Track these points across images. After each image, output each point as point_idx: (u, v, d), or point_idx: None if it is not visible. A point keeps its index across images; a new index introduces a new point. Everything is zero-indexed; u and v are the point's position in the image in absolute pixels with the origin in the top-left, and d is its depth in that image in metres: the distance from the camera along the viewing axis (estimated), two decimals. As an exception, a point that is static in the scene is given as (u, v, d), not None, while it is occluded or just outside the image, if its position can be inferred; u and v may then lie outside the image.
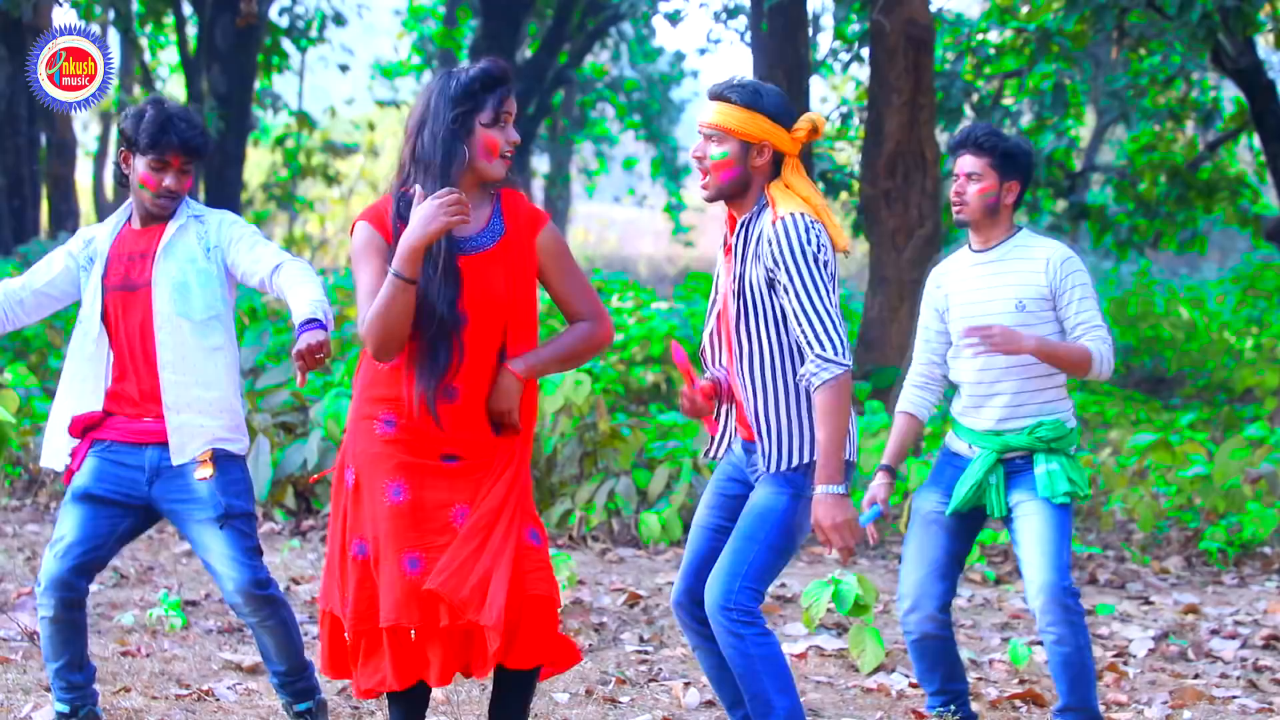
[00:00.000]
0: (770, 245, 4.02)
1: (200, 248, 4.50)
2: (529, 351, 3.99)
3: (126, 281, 4.47)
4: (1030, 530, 4.77)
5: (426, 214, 3.78)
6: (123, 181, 4.54)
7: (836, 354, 3.99)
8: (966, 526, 4.93)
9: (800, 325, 4.01)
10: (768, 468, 4.11)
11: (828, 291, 4.01)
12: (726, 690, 4.35)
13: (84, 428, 4.50)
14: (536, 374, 4.01)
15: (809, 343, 4.00)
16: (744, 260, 4.09)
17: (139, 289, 4.46)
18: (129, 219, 4.56)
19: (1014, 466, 4.83)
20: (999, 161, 4.80)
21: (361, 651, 4.02)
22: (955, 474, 4.90)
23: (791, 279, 4.00)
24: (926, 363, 5.00)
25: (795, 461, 4.11)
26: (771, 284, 4.04)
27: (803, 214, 4.03)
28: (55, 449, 4.57)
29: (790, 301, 4.01)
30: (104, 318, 4.47)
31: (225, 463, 4.48)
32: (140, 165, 4.43)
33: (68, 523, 4.47)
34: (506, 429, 3.98)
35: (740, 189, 4.14)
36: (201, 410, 4.46)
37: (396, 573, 3.92)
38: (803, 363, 4.06)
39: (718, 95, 4.13)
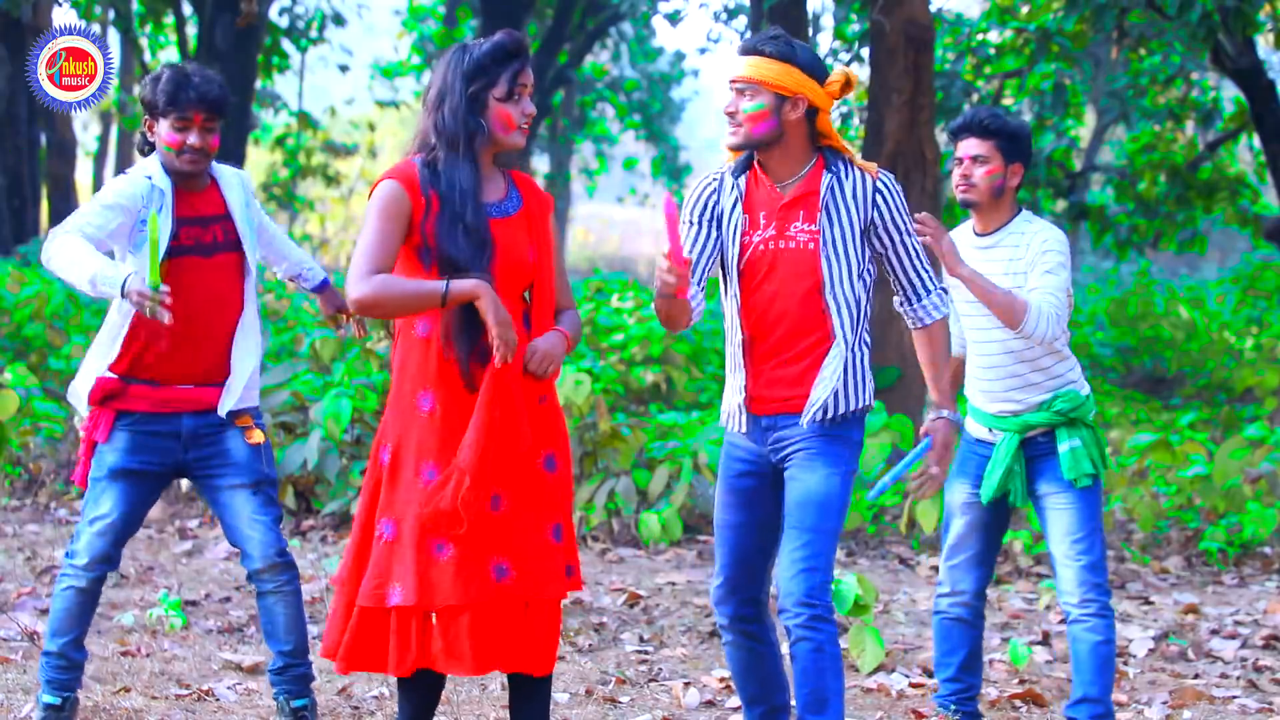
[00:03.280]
0: (882, 203, 4.15)
1: (250, 212, 4.62)
2: (562, 323, 4.08)
3: (199, 245, 4.48)
4: (1060, 524, 4.82)
5: (503, 320, 3.85)
6: (146, 152, 4.54)
7: (945, 297, 4.31)
8: (1000, 513, 4.98)
9: (917, 267, 4.24)
10: (831, 413, 4.13)
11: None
12: (751, 687, 4.35)
13: (103, 396, 4.49)
14: (573, 344, 4.08)
15: (927, 283, 4.26)
16: (836, 216, 4.11)
17: (215, 253, 4.49)
18: (171, 183, 4.50)
19: (1037, 449, 4.85)
20: (1004, 144, 4.82)
21: (352, 627, 4.01)
22: (981, 461, 4.94)
23: (905, 227, 4.20)
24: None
25: (854, 406, 4.16)
26: (867, 233, 4.16)
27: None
28: (79, 393, 4.55)
29: (903, 248, 4.21)
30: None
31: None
32: (163, 127, 4.44)
33: (109, 500, 4.50)
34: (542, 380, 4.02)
35: (772, 141, 4.12)
36: (249, 373, 4.57)
37: (423, 556, 3.92)
38: (861, 310, 4.17)
39: (750, 49, 4.12)
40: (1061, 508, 4.82)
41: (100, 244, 4.35)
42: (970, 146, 4.83)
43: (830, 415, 4.14)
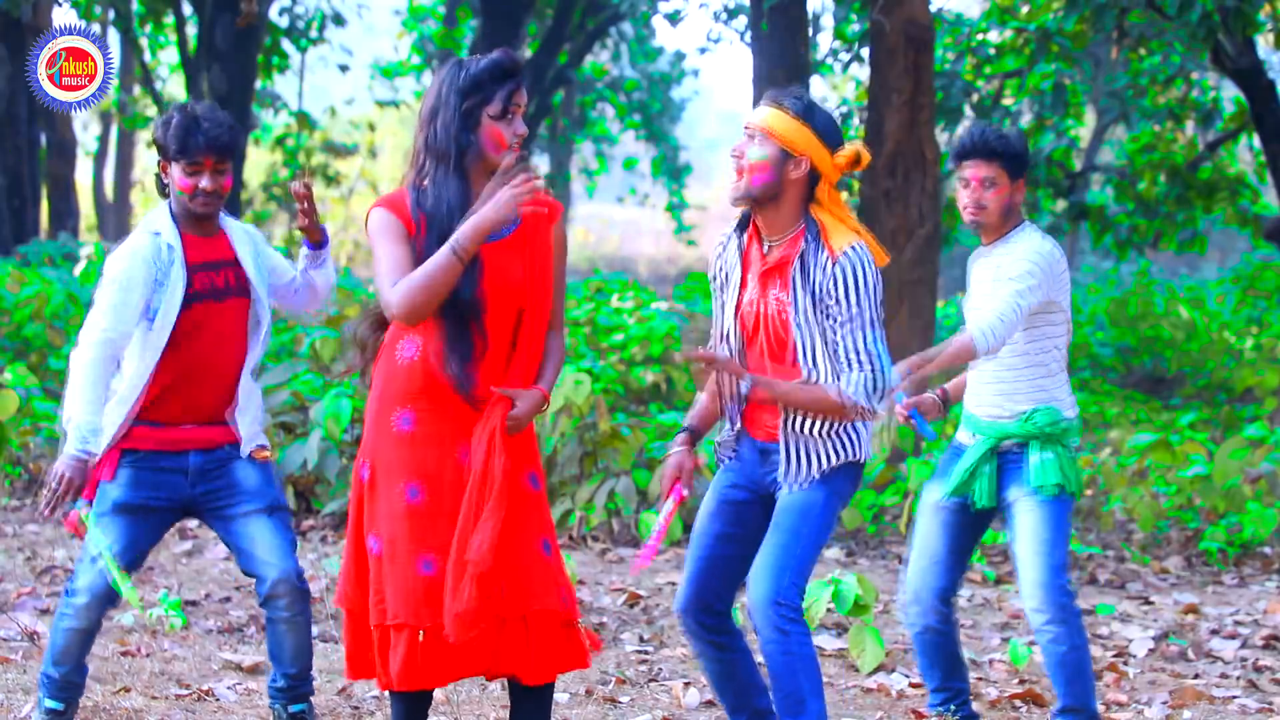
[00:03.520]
0: (833, 284, 4.04)
1: (261, 261, 4.60)
2: (542, 376, 4.06)
3: (212, 289, 4.48)
4: (1024, 528, 4.80)
5: (501, 200, 3.85)
6: (164, 191, 4.54)
7: (873, 400, 4.05)
8: (973, 521, 4.95)
9: (850, 359, 4.05)
10: (799, 482, 4.13)
11: (881, 331, 4.08)
12: (729, 696, 4.34)
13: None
14: (549, 397, 4.08)
15: (857, 377, 4.03)
16: (802, 288, 4.09)
17: (226, 298, 4.49)
18: (179, 226, 4.51)
19: (1011, 459, 4.85)
20: (1009, 164, 4.83)
21: (379, 644, 4.02)
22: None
23: (851, 316, 4.04)
24: None
25: (825, 467, 4.13)
26: (825, 312, 4.07)
27: (860, 246, 4.07)
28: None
29: (844, 335, 4.05)
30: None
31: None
32: (175, 172, 4.44)
33: (110, 536, 4.45)
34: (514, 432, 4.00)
35: (770, 197, 4.10)
36: (255, 410, 4.58)
37: (409, 574, 3.93)
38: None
39: (772, 100, 4.12)
40: (1026, 512, 4.80)
41: (129, 334, 4.40)
42: (978, 169, 4.83)
43: (805, 474, 4.15)
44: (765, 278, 4.16)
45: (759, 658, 4.48)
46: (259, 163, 30.11)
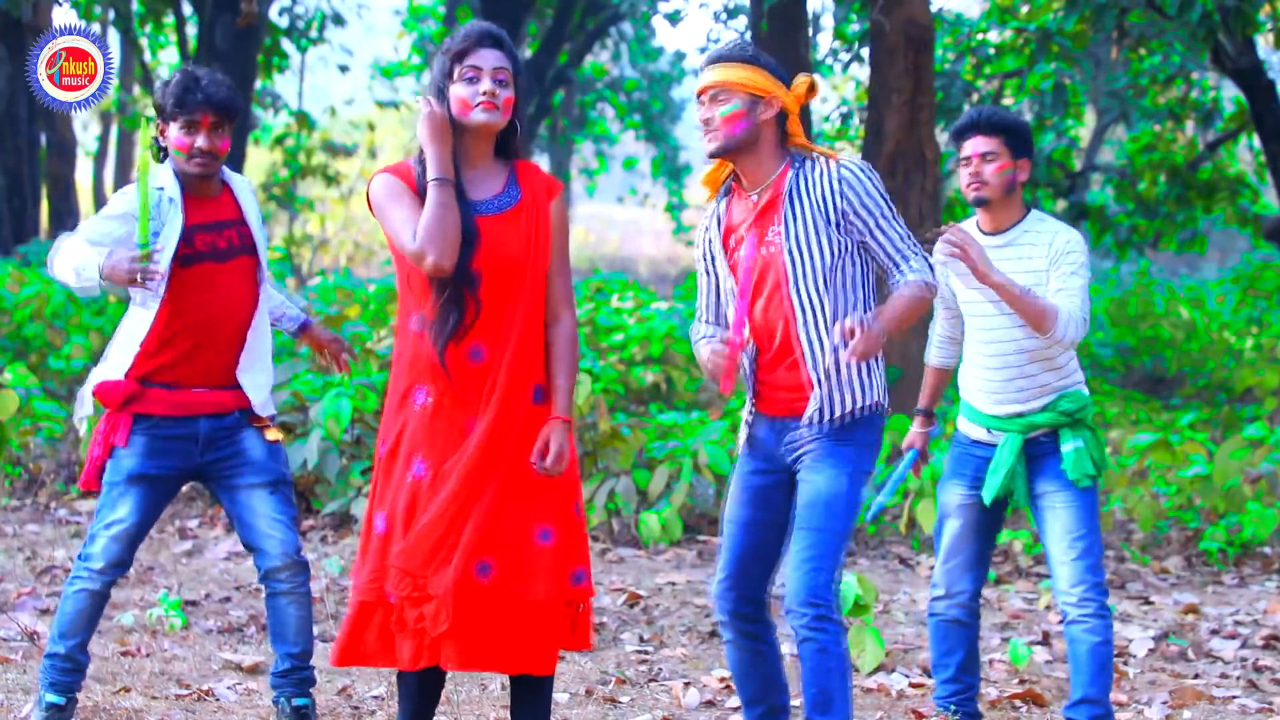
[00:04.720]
0: (848, 188, 4.10)
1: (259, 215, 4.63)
2: (558, 393, 4.08)
3: (214, 250, 4.51)
4: (1060, 521, 4.82)
5: (426, 129, 3.98)
6: (159, 156, 4.57)
7: (935, 278, 4.17)
8: (995, 512, 4.98)
9: (897, 246, 4.14)
10: (830, 415, 4.12)
11: (902, 221, 4.22)
12: (750, 688, 4.35)
13: (123, 400, 4.50)
14: (570, 408, 4.11)
15: (916, 264, 4.15)
16: (798, 212, 4.12)
17: (229, 258, 4.52)
18: (181, 189, 4.53)
19: (1038, 448, 4.86)
20: (1010, 139, 4.84)
21: (353, 622, 4.05)
22: (979, 462, 4.93)
23: (880, 214, 4.13)
24: (946, 323, 5.09)
25: (860, 403, 4.14)
26: (839, 224, 4.11)
27: (849, 158, 4.17)
28: (88, 401, 4.60)
29: (882, 235, 4.14)
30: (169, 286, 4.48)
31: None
32: (173, 131, 4.49)
33: (126, 505, 4.51)
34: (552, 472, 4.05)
35: (749, 143, 4.16)
36: (264, 375, 4.63)
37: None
38: (842, 306, 4.14)
39: (716, 59, 4.19)
40: (1061, 506, 4.82)
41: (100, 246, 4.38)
42: (978, 144, 4.84)
43: (831, 417, 4.15)
44: (760, 222, 4.18)
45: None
46: (259, 163, 30.09)
